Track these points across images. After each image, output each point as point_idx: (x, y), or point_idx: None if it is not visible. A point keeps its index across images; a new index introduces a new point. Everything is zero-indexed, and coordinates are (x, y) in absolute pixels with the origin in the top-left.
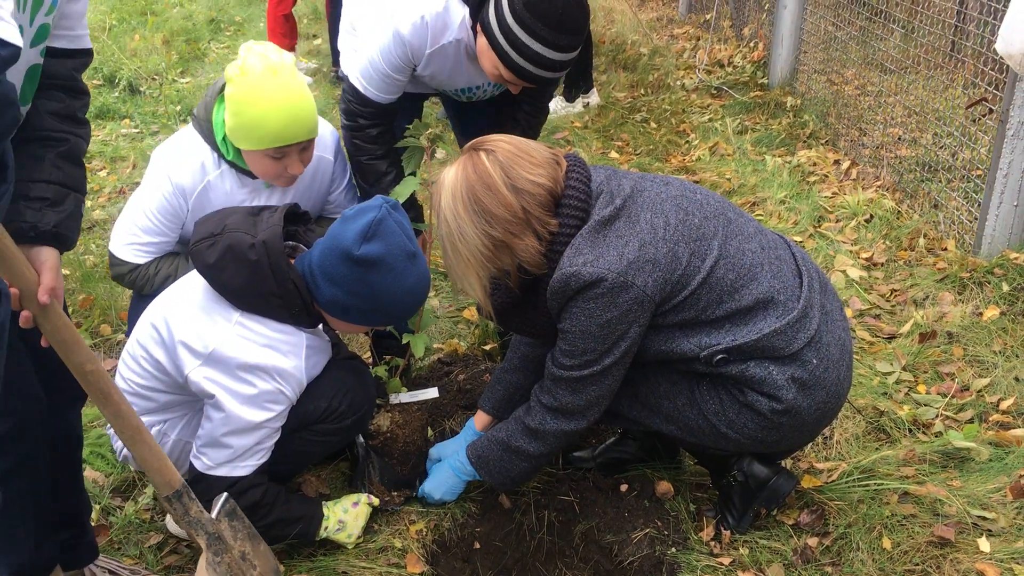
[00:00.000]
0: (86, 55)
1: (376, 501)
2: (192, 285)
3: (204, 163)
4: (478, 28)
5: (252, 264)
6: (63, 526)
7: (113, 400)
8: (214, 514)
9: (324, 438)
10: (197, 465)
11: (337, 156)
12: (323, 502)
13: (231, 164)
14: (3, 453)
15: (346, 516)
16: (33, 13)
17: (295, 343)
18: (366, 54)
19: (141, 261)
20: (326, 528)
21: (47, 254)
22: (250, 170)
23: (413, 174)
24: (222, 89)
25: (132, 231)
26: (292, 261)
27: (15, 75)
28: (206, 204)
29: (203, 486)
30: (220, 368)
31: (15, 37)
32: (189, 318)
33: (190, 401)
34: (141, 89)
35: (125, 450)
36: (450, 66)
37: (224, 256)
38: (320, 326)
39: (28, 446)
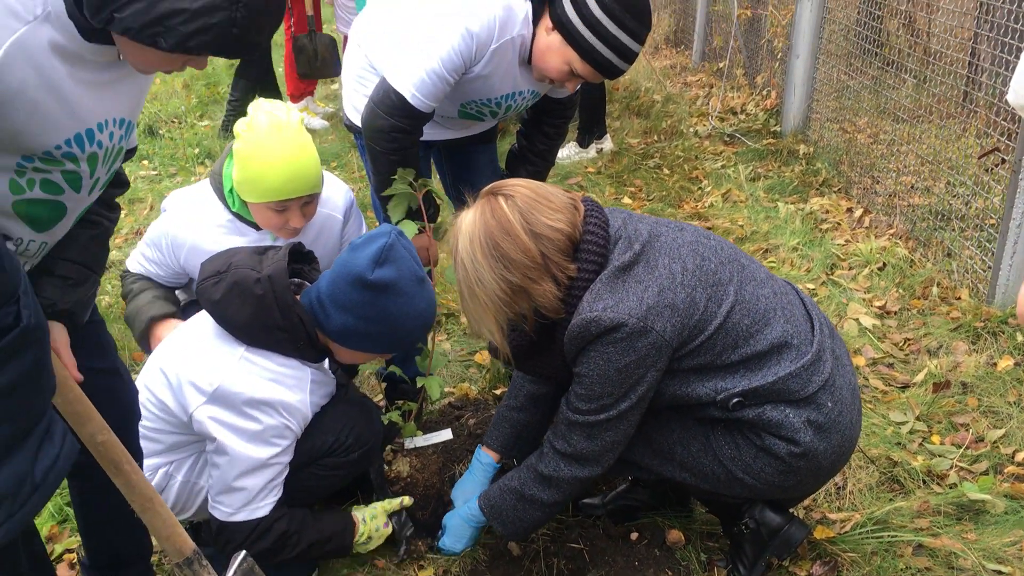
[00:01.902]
0: (133, 152)
1: (390, 530)
2: (198, 326)
3: (206, 215)
4: (544, 27)
5: (258, 298)
6: (119, 567)
7: (124, 470)
8: (230, 574)
9: (331, 472)
10: (217, 515)
11: (349, 216)
12: (353, 512)
13: (236, 215)
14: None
15: (376, 534)
16: (112, 164)
17: (300, 377)
18: (418, 61)
19: (134, 269)
20: (357, 541)
21: (58, 331)
22: (254, 222)
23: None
24: None
25: (139, 251)
26: (298, 297)
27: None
28: (201, 256)
29: (228, 534)
30: (225, 405)
31: None
32: (194, 357)
33: (196, 441)
34: (160, 132)
35: None
36: (505, 66)
37: (230, 291)
38: (326, 363)
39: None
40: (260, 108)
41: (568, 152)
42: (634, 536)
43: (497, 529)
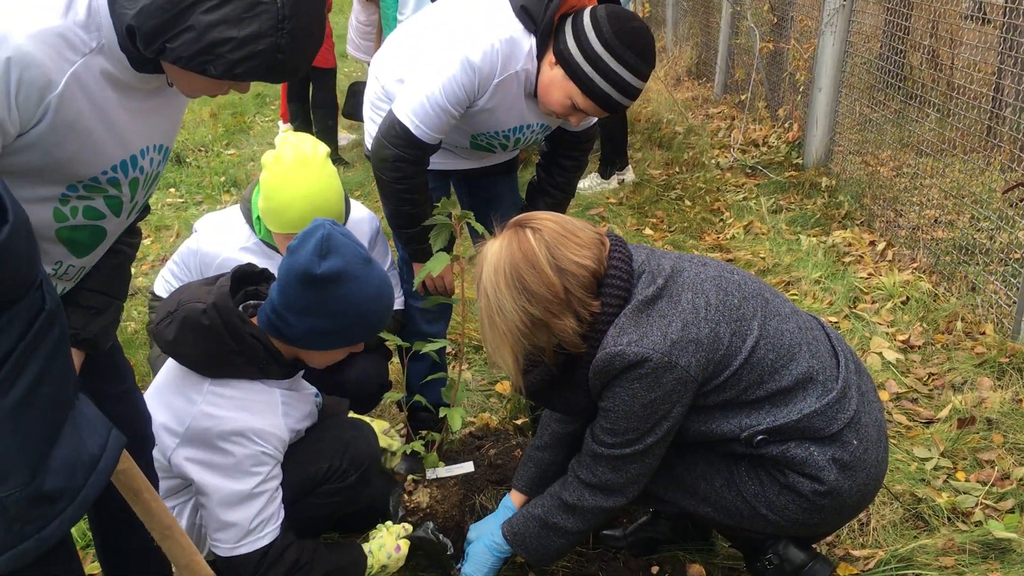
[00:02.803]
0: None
1: (404, 553)
2: (166, 370)
3: (235, 236)
4: (547, 61)
5: (206, 329)
6: None
7: (144, 498)
8: None
9: (330, 499)
10: (220, 552)
11: (375, 245)
12: (362, 544)
13: (262, 240)
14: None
15: (389, 561)
16: (149, 188)
17: (269, 401)
18: (421, 92)
19: (160, 290)
20: (370, 573)
21: (76, 358)
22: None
23: (443, 250)
24: None
25: (167, 268)
26: (254, 318)
27: (111, 240)
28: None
29: (235, 568)
30: (197, 444)
31: None
32: (164, 403)
33: (190, 484)
34: (187, 160)
35: None
36: (510, 100)
37: (181, 329)
38: (301, 376)
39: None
40: (287, 141)
41: (590, 183)
42: (655, 570)
43: (520, 556)
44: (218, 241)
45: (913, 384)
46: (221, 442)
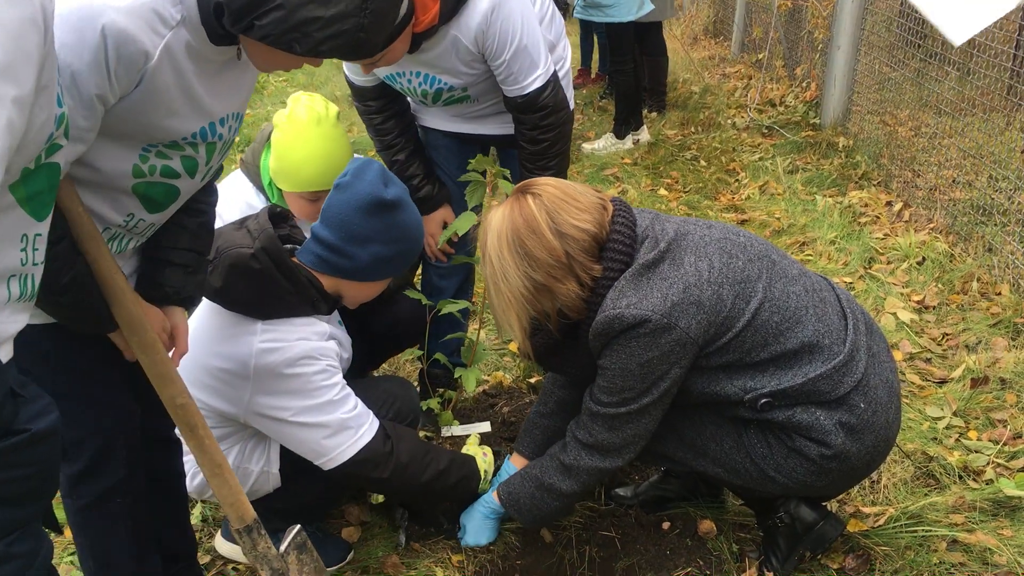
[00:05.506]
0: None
1: (491, 456)
2: (208, 317)
3: (249, 202)
4: None
5: (258, 273)
6: (167, 563)
7: (199, 434)
8: (283, 548)
9: None
10: (346, 457)
11: None
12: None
13: (274, 205)
14: (97, 476)
15: (486, 465)
16: (224, 153)
17: (321, 331)
18: None
19: None
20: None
21: (180, 317)
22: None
23: (474, 209)
24: (269, 137)
25: None
26: (295, 259)
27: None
28: None
29: (370, 461)
30: (269, 380)
31: None
32: (215, 351)
33: (242, 429)
34: None
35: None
36: None
37: (229, 276)
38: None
39: (124, 471)
40: (300, 102)
41: (604, 143)
42: (666, 525)
43: (515, 517)
44: (239, 208)
45: (927, 344)
46: (287, 368)
